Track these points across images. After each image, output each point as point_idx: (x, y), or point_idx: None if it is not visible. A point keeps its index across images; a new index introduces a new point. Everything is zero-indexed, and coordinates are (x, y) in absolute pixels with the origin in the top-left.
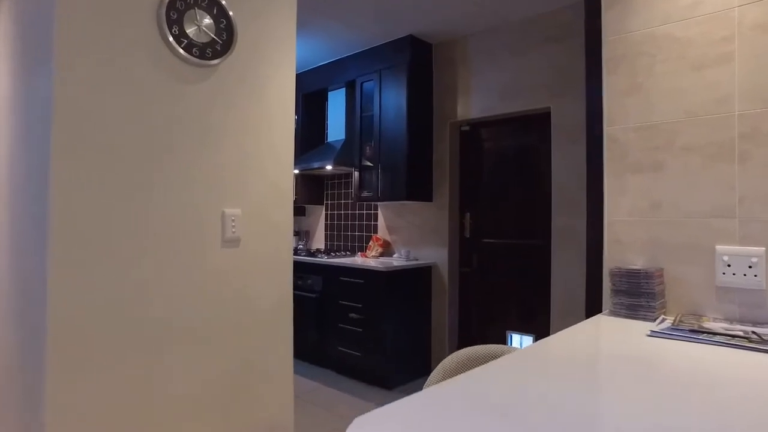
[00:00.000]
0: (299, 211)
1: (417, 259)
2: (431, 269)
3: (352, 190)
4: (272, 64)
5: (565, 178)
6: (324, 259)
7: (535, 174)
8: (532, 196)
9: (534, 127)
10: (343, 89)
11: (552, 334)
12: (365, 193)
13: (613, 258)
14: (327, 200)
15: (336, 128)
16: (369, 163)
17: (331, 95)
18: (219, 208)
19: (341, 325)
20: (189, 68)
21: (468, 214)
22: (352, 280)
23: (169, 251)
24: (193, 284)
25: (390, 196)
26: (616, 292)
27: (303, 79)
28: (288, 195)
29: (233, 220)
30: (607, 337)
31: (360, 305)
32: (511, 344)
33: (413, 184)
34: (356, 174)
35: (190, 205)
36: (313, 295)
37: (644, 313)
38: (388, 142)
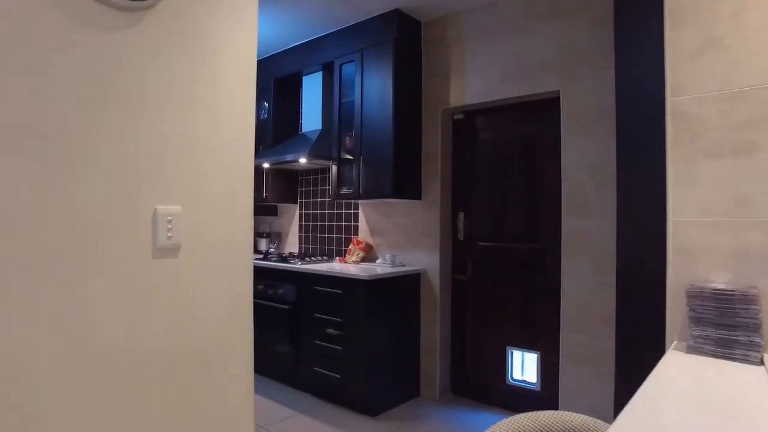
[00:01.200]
0: (270, 210)
1: (404, 265)
2: (420, 276)
3: (330, 187)
4: (231, 16)
5: (576, 173)
6: (297, 265)
7: (540, 169)
8: (537, 193)
9: (539, 114)
10: (320, 73)
11: (562, 350)
12: (344, 190)
13: (679, 272)
14: (301, 198)
15: (312, 117)
16: (349, 156)
17: (306, 80)
18: (150, 205)
19: (318, 342)
20: (108, 12)
21: (462, 213)
22: (329, 289)
23: (71, 267)
24: (109, 312)
25: (373, 193)
26: (696, 320)
27: (274, 62)
28: (248, 188)
29: (170, 221)
30: (727, 395)
31: (339, 319)
32: (511, 360)
33: (399, 180)
34: (334, 168)
35: (105, 201)
36: (285, 307)
37: (743, 352)
38: (371, 132)
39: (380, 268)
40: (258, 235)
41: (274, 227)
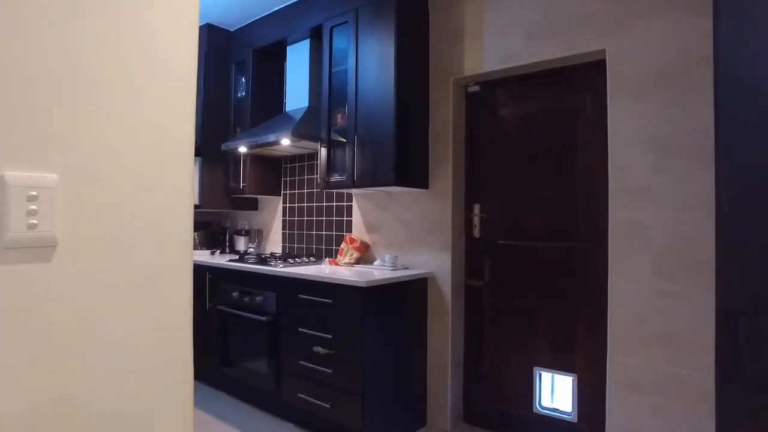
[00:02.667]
0: (249, 204)
1: (407, 268)
2: (427, 282)
3: (318, 174)
4: None
5: (629, 152)
6: (278, 268)
7: (578, 149)
8: (574, 179)
9: (577, 81)
10: (307, 41)
11: (610, 373)
12: (336, 177)
13: None
14: (285, 189)
15: (297, 94)
16: (341, 138)
17: (291, 50)
18: None
19: (303, 363)
20: None
21: (478, 206)
22: (316, 298)
23: None
24: None
25: (370, 180)
26: None
27: (253, 30)
28: (187, 153)
29: (33, 199)
30: None
31: (328, 335)
32: (540, 384)
33: (402, 165)
34: (323, 151)
35: None
36: (263, 318)
37: None
38: (368, 108)
39: (378, 271)
40: (236, 232)
41: (254, 223)
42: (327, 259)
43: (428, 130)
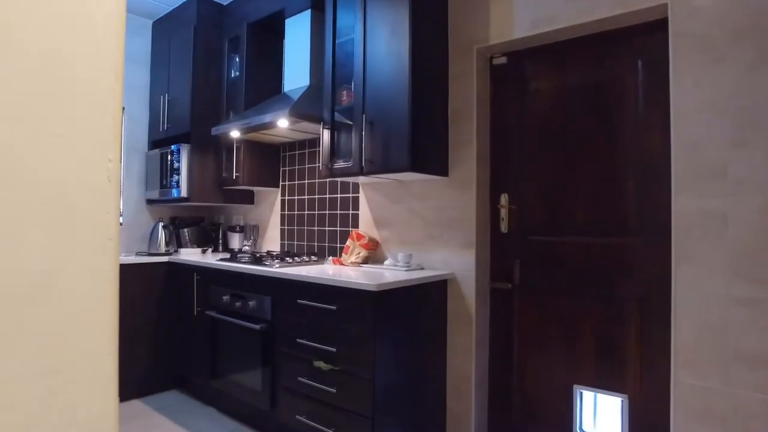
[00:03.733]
0: (244, 197)
1: (423, 268)
2: (447, 285)
3: (320, 160)
4: None
5: (699, 127)
6: (273, 268)
7: (628, 126)
8: (625, 163)
9: (629, 45)
10: (308, 12)
11: (675, 397)
12: (340, 164)
13: None
14: (284, 180)
15: (297, 72)
16: (346, 120)
17: (290, 23)
18: None
19: (302, 380)
20: None
21: (506, 196)
22: (317, 304)
23: None
24: None
25: (380, 166)
26: None
27: (248, 1)
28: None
29: None
30: None
31: (332, 348)
32: (581, 404)
33: (418, 148)
34: (326, 134)
35: None
36: (257, 327)
37: None
38: (378, 83)
39: (390, 272)
40: (229, 228)
41: (250, 219)
42: (330, 258)
43: (447, 109)
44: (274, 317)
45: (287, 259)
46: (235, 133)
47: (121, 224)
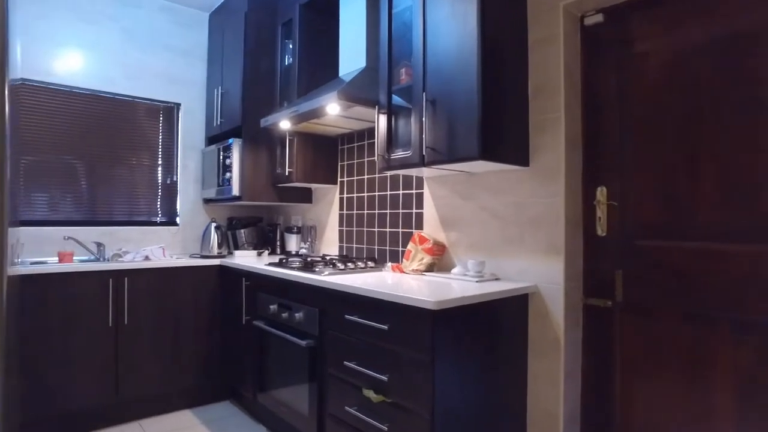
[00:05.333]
0: (301, 195)
1: (498, 279)
2: (528, 300)
3: (376, 151)
4: None
5: None
6: (321, 277)
7: None
8: None
9: None
10: None
11: None
12: (399, 153)
13: None
14: (343, 176)
15: (353, 54)
16: (405, 103)
17: (344, 2)
18: None
19: (349, 410)
20: None
21: (603, 189)
22: (366, 321)
23: None
24: None
25: (445, 154)
26: None
27: None
28: None
29: None
30: None
31: (383, 376)
32: None
33: (491, 131)
34: (382, 120)
35: None
36: (303, 343)
37: None
38: (440, 56)
39: (458, 283)
40: (287, 230)
41: (308, 219)
42: (390, 264)
43: (527, 84)
44: (322, 333)
45: (339, 265)
46: (284, 124)
47: (177, 225)
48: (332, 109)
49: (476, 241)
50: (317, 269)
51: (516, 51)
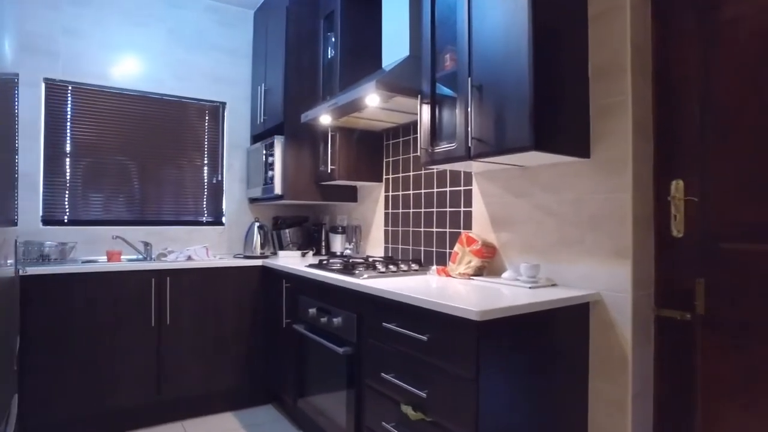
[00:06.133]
0: (345, 194)
1: (555, 285)
2: (589, 310)
3: (419, 144)
4: None
5: None
6: (359, 280)
7: None
8: None
9: None
10: None
11: None
12: (443, 146)
13: None
14: (388, 173)
15: (396, 43)
16: (448, 91)
17: None
18: None
19: (386, 425)
20: None
21: (679, 183)
22: (404, 331)
23: None
24: None
25: (494, 145)
26: None
27: None
28: None
29: None
30: None
31: (422, 392)
32: None
33: (544, 120)
34: (425, 111)
35: None
36: (340, 350)
37: None
38: (487, 36)
39: (508, 289)
40: (331, 229)
41: (353, 218)
42: (436, 266)
43: (587, 64)
44: (360, 341)
45: (379, 267)
46: (325, 119)
47: (223, 224)
48: (371, 101)
49: (530, 242)
50: (357, 272)
51: (573, 26)
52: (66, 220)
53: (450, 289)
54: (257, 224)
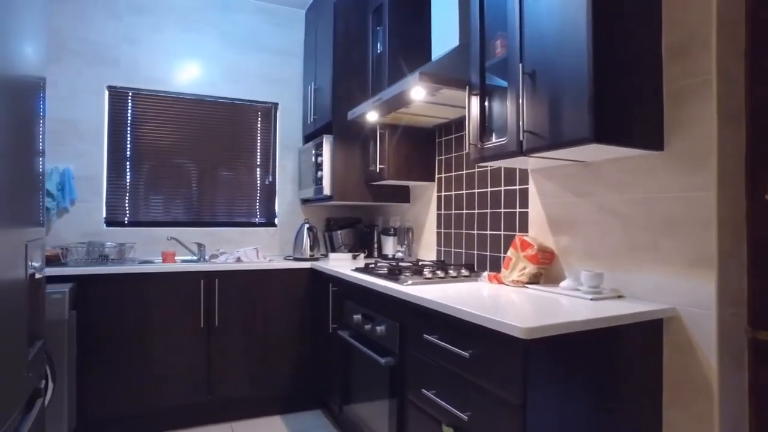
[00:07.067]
0: (397, 194)
1: (621, 296)
2: (662, 328)
3: (467, 139)
4: None
5: None
6: (401, 287)
7: None
8: None
9: None
10: None
11: None
12: (493, 141)
13: None
14: (440, 172)
15: (446, 34)
16: (501, 81)
17: None
18: None
19: None
20: None
21: None
22: (444, 344)
23: None
24: None
25: (547, 139)
26: None
27: None
28: None
29: None
30: None
31: (463, 414)
32: None
33: (607, 106)
34: (474, 102)
35: None
36: (382, 361)
37: None
38: (541, 18)
39: (568, 300)
40: (383, 231)
41: (405, 220)
42: (486, 273)
43: (659, 39)
44: (402, 352)
45: (425, 273)
46: (372, 116)
47: (275, 226)
48: (416, 94)
49: (593, 247)
50: (401, 277)
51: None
52: (126, 222)
53: (499, 298)
54: (306, 226)
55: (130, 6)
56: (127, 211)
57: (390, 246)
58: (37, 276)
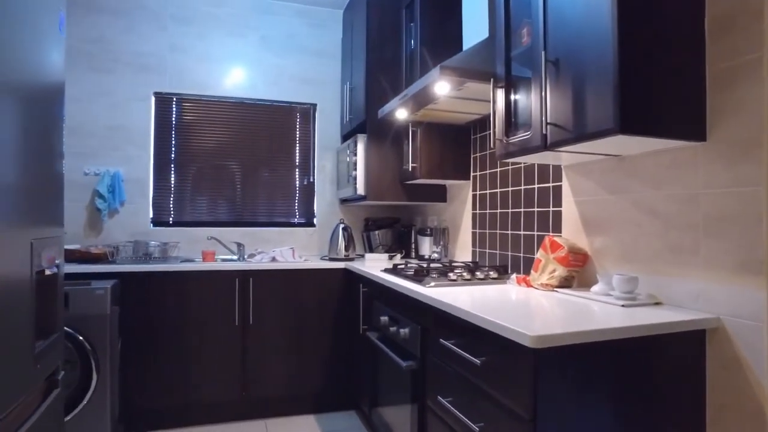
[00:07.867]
0: (433, 193)
1: (658, 303)
2: (706, 339)
3: (493, 133)
4: None
5: None
6: (419, 288)
7: None
8: None
9: None
10: None
11: None
12: (520, 135)
13: None
14: (475, 170)
15: (476, 27)
16: (526, 72)
17: None
18: None
19: None
20: None
21: None
22: (459, 351)
23: None
24: None
25: (572, 131)
26: None
27: None
28: None
29: None
30: None
31: (475, 425)
32: None
33: (637, 94)
34: (499, 95)
35: None
36: (403, 364)
37: None
38: (565, 1)
39: (597, 305)
40: (419, 232)
41: (441, 220)
42: (514, 275)
43: (701, 14)
44: (423, 356)
45: (450, 275)
46: (401, 113)
47: (314, 226)
48: (441, 89)
49: (627, 249)
50: (425, 279)
51: None
52: (171, 222)
53: (522, 302)
54: (341, 226)
55: (175, 17)
56: (172, 212)
57: (426, 247)
58: (48, 272)
